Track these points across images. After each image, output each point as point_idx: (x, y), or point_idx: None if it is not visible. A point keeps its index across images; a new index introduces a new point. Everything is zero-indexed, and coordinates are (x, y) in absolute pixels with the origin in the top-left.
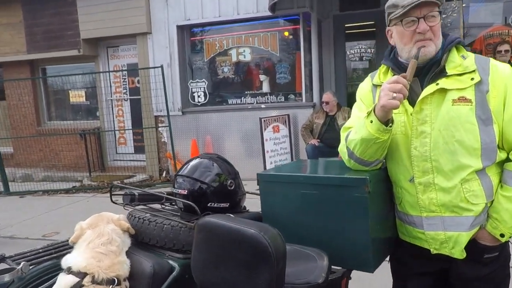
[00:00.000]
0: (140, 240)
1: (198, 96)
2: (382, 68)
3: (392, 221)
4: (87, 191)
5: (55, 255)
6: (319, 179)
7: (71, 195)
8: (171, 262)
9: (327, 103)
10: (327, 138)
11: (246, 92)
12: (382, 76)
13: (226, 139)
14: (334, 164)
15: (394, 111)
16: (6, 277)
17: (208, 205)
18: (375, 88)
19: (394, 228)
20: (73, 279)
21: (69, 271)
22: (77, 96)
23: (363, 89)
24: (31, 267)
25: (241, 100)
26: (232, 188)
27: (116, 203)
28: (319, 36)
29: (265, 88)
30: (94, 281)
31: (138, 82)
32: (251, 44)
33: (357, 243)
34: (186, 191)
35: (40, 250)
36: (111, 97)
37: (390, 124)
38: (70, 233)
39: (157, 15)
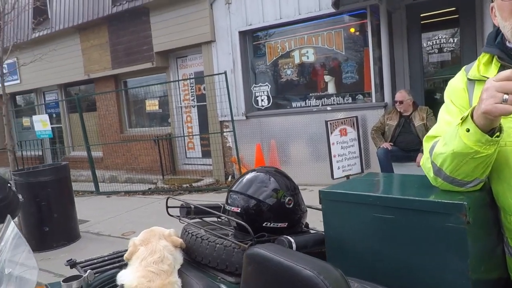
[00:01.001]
0: (193, 258)
1: (262, 100)
2: (483, 57)
3: (501, 258)
4: (160, 193)
5: (117, 264)
6: (396, 201)
7: (147, 196)
8: (222, 286)
9: (400, 102)
10: (402, 141)
11: (310, 94)
12: (483, 68)
13: (290, 143)
14: (416, 181)
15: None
16: (74, 284)
17: (264, 224)
18: (472, 84)
19: (503, 267)
20: None
21: None
22: (152, 105)
23: (455, 87)
24: (96, 275)
25: (305, 103)
26: (291, 206)
27: (172, 216)
28: (390, 30)
29: (331, 89)
30: None
31: (204, 89)
32: (315, 44)
33: (451, 287)
34: (239, 208)
35: (106, 258)
36: (180, 104)
37: (498, 134)
38: None
39: (220, 23)
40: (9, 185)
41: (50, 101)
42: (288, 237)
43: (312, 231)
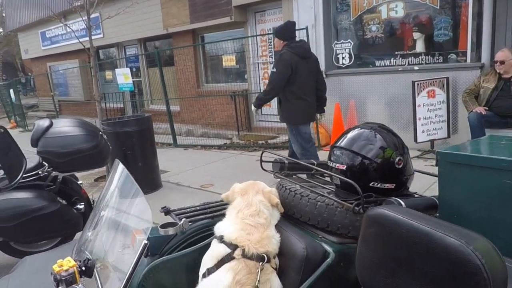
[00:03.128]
0: (290, 214)
1: (343, 58)
2: None
3: None
4: (236, 148)
5: (209, 215)
6: None
7: (222, 151)
8: (325, 246)
9: (501, 62)
10: (498, 106)
11: (396, 53)
12: None
13: (371, 104)
14: None
15: None
16: (171, 231)
17: (370, 184)
18: None
19: None
20: (225, 250)
21: (221, 240)
22: (229, 61)
23: None
24: (189, 223)
25: (390, 62)
26: (401, 166)
27: (266, 171)
28: None
29: (419, 47)
30: (244, 255)
31: None
32: None
33: None
34: (345, 166)
35: (198, 208)
36: (258, 60)
37: None
38: (221, 187)
39: None
40: (100, 133)
41: (131, 55)
42: (398, 199)
43: (416, 196)
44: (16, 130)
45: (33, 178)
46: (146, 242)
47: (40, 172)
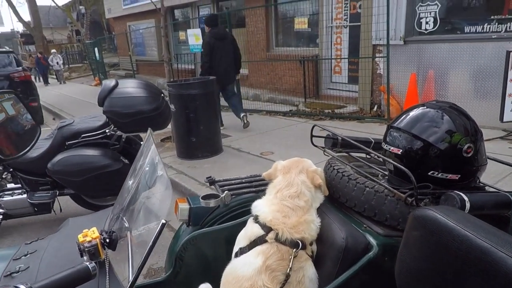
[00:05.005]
0: (336, 198)
1: (427, 23)
2: None
3: None
4: (301, 116)
5: (254, 189)
6: None
7: (287, 118)
8: (369, 237)
9: None
10: None
11: (492, 17)
12: None
13: (452, 76)
14: None
15: None
16: (212, 203)
17: (429, 173)
18: None
19: None
20: (259, 231)
21: (256, 220)
22: (301, 23)
23: None
24: (232, 196)
25: (483, 28)
26: (470, 155)
27: (316, 146)
28: None
29: None
30: (277, 239)
31: (360, 7)
32: None
33: None
34: (401, 150)
35: (243, 181)
36: (331, 23)
37: None
38: (280, 155)
39: None
40: (162, 95)
41: (203, 16)
42: (461, 193)
43: (487, 188)
44: (100, 87)
45: (100, 136)
46: (164, 222)
47: (107, 131)
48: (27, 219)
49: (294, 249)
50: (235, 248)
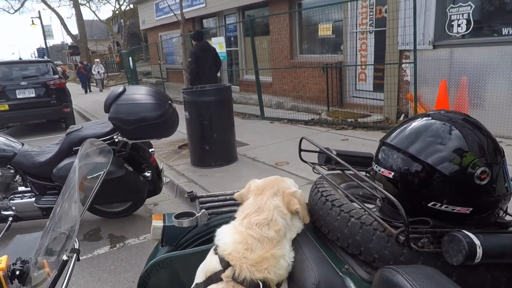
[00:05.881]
0: (318, 227)
1: (459, 25)
2: None
3: None
4: (323, 125)
5: (237, 208)
6: None
7: (308, 126)
8: (349, 283)
9: None
10: None
11: None
12: None
13: (489, 82)
14: None
15: None
16: (185, 223)
17: (430, 205)
18: None
19: None
20: (216, 265)
21: (216, 251)
22: (325, 29)
23: None
24: (209, 216)
25: None
26: (485, 182)
27: (305, 162)
28: None
29: None
30: (234, 278)
31: (386, 11)
32: None
33: None
34: (392, 173)
35: (228, 197)
36: (356, 29)
37: None
38: (296, 166)
39: None
40: (169, 102)
41: (228, 24)
42: (470, 234)
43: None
44: None
45: (107, 142)
46: (66, 259)
47: (114, 137)
48: (39, 222)
49: None
50: (195, 281)
